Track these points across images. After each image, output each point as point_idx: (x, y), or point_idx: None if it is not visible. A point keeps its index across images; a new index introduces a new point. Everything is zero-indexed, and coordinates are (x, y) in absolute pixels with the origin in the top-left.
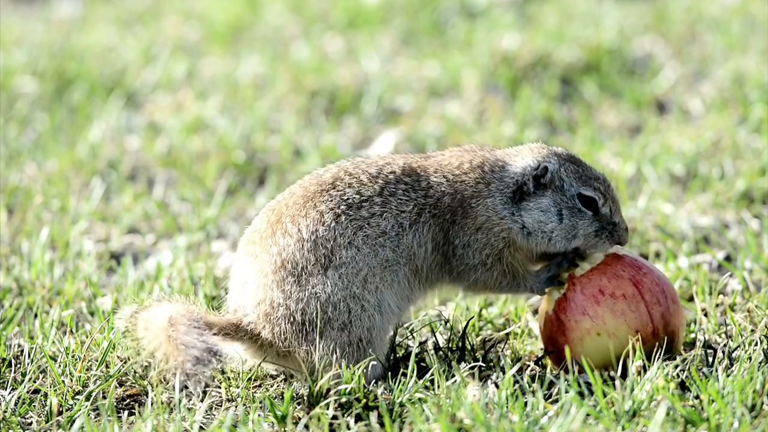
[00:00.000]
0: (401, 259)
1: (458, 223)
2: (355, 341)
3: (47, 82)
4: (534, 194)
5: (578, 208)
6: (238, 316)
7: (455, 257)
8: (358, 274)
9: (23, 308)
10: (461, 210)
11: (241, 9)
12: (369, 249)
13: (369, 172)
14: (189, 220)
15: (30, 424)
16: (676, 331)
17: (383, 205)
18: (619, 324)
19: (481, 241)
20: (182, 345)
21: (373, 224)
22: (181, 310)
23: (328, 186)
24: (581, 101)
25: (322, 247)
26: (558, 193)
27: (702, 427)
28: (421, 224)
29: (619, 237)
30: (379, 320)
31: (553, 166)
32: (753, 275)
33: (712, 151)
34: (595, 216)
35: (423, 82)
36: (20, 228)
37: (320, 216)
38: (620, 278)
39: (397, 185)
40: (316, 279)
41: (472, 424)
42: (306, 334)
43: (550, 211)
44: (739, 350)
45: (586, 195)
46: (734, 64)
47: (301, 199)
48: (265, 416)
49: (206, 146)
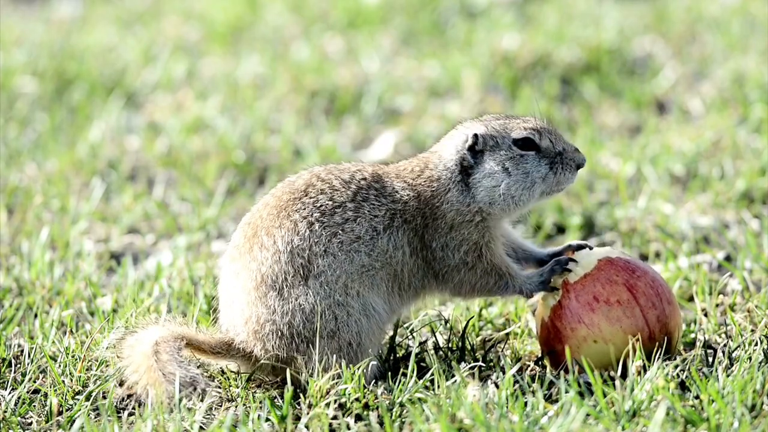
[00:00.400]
0: (376, 263)
1: (430, 226)
2: (345, 346)
3: (47, 82)
4: (476, 165)
5: (519, 154)
6: (230, 335)
7: (435, 260)
8: (337, 281)
9: (23, 308)
10: (429, 211)
11: (241, 9)
12: (344, 255)
13: (342, 177)
14: (189, 220)
15: (30, 424)
16: (673, 333)
17: (356, 210)
18: (615, 331)
19: (457, 239)
20: (164, 375)
21: (347, 230)
22: (166, 336)
23: (300, 193)
24: (581, 101)
25: (299, 257)
26: (495, 151)
27: (702, 427)
28: (395, 228)
29: (573, 161)
30: (366, 324)
31: (479, 130)
32: (753, 275)
33: (712, 151)
34: (538, 153)
35: (423, 82)
36: (20, 228)
37: (294, 225)
38: (614, 284)
39: (369, 191)
40: (298, 290)
41: (472, 424)
42: (296, 346)
43: (496, 171)
44: (739, 350)
45: (519, 138)
46: (734, 64)
47: (275, 209)
48: (265, 416)
49: (206, 146)
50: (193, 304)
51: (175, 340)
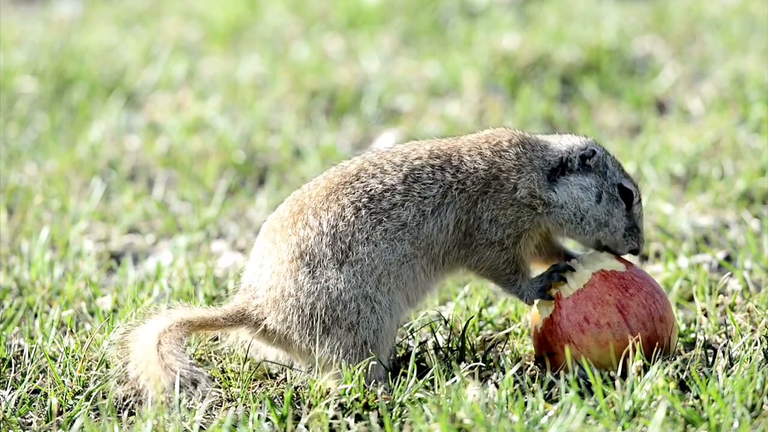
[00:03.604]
0: (419, 251)
1: (490, 196)
2: (360, 343)
3: (47, 82)
4: (577, 172)
5: (616, 197)
6: (246, 297)
7: (479, 231)
8: (372, 272)
9: (23, 308)
10: (496, 182)
11: (241, 9)
12: (387, 244)
13: (393, 161)
14: (189, 220)
15: (30, 424)
16: (665, 345)
17: (405, 193)
18: (604, 353)
19: (510, 217)
20: (164, 369)
21: (393, 216)
22: (170, 326)
23: (352, 178)
24: (581, 101)
25: (340, 241)
26: (601, 177)
27: (702, 427)
28: (445, 206)
29: (638, 243)
30: (388, 323)
31: (600, 151)
32: (753, 275)
33: (712, 151)
34: (627, 211)
35: (423, 82)
36: (20, 228)
37: (341, 210)
38: (606, 304)
39: (423, 170)
40: (330, 273)
41: (472, 424)
42: (312, 328)
43: (591, 191)
44: (739, 350)
45: (626, 187)
46: (734, 64)
47: (324, 190)
48: (265, 416)
49: (206, 146)
50: (194, 304)
51: (179, 328)
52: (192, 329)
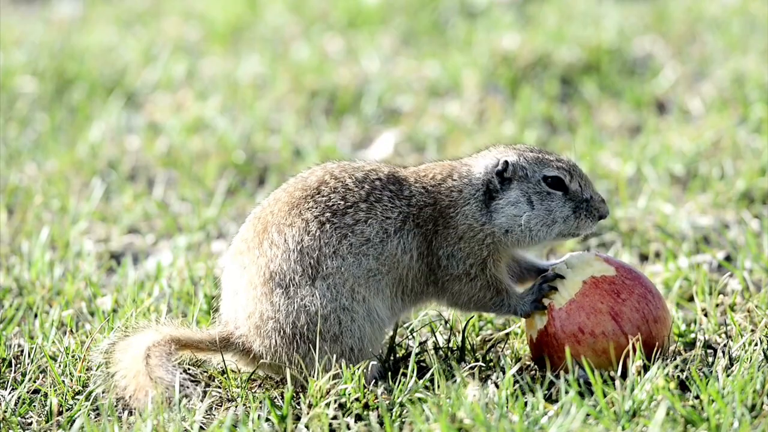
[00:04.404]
0: (383, 267)
1: (441, 234)
2: (347, 351)
3: (47, 82)
4: (502, 190)
5: (546, 191)
6: (229, 328)
7: (440, 268)
8: (344, 284)
9: (23, 308)
10: (442, 220)
11: (241, 9)
12: (353, 258)
13: (355, 176)
14: (189, 220)
15: (30, 424)
16: (663, 344)
17: (368, 210)
18: (602, 361)
19: (465, 251)
20: (151, 380)
21: (357, 232)
22: (159, 340)
23: (312, 191)
24: (581, 101)
25: (308, 257)
26: (523, 182)
27: (702, 427)
28: (406, 232)
29: (597, 211)
30: (370, 329)
31: (512, 158)
32: (753, 275)
33: (712, 151)
34: (565, 195)
35: (423, 82)
36: (20, 228)
37: (305, 224)
38: (599, 313)
39: (383, 192)
40: (304, 291)
41: (472, 424)
42: (297, 346)
43: (521, 202)
44: (739, 350)
45: (550, 175)
46: (734, 64)
47: (286, 205)
48: (265, 416)
49: (206, 146)
50: (193, 304)
51: (168, 344)
52: (179, 348)
